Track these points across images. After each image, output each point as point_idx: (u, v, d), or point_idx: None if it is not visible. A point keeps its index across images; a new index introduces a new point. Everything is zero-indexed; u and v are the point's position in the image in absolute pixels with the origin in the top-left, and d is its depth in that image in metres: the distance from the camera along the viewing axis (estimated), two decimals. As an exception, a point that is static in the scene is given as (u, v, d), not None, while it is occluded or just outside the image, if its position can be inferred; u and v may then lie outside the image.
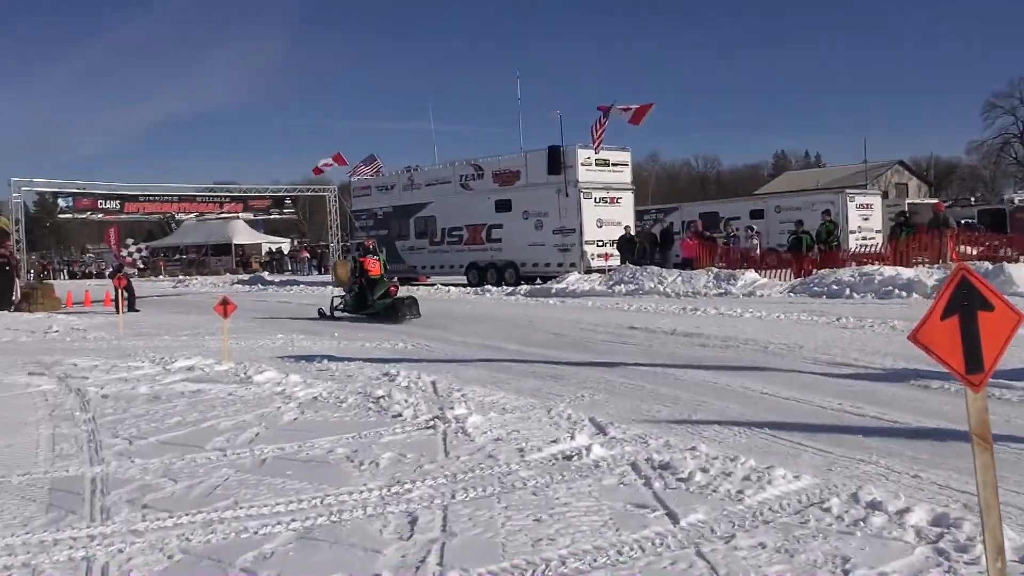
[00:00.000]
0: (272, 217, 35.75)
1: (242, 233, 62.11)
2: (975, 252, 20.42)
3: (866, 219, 27.84)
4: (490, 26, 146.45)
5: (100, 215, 29.05)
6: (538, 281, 24.18)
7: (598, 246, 24.54)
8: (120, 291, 17.71)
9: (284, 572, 3.62)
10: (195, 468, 5.36)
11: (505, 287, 24.05)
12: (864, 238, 26.21)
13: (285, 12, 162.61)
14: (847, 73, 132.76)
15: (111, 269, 29.42)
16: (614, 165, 25.26)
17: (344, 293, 16.98)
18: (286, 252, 60.22)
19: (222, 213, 32.13)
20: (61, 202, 27.33)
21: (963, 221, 29.73)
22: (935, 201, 34.42)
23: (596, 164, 24.73)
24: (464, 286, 25.84)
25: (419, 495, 4.61)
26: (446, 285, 25.94)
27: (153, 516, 4.40)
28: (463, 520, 4.18)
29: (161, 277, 48.90)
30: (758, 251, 23.57)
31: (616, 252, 24.15)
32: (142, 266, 27.76)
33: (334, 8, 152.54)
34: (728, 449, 5.39)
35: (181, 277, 46.18)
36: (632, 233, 24.69)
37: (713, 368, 8.74)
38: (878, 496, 4.21)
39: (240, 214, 33.68)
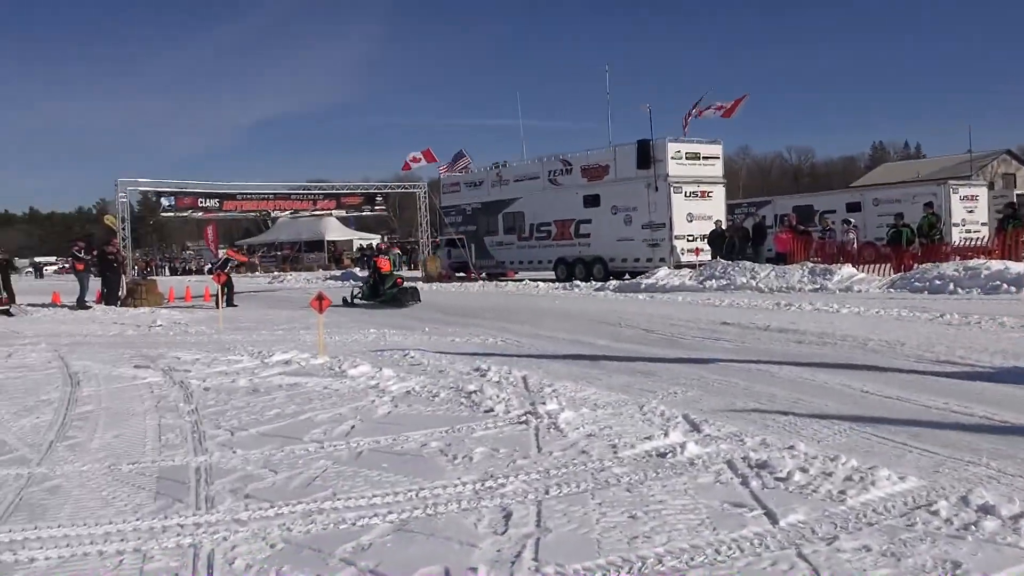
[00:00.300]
0: (364, 214, 36.32)
1: (334, 230, 63.43)
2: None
3: (971, 211, 26.76)
4: (579, 20, 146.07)
5: (200, 213, 29.97)
6: (627, 276, 24.01)
7: (688, 241, 24.19)
8: (220, 287, 18.31)
9: (382, 563, 3.67)
10: (294, 459, 5.49)
11: (593, 282, 23.96)
12: (969, 231, 25.21)
13: (375, 11, 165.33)
14: (950, 59, 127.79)
15: (210, 265, 30.44)
16: (705, 158, 24.85)
17: (362, 284, 20.31)
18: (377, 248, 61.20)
19: (315, 210, 32.80)
20: (164, 201, 28.28)
21: (1076, 213, 28.24)
22: (1046, 192, 32.83)
23: (686, 158, 24.38)
24: (552, 281, 25.83)
25: (513, 490, 4.62)
26: (534, 280, 25.95)
27: (255, 505, 4.53)
28: (557, 516, 4.17)
29: (257, 273, 50.28)
30: (855, 245, 22.88)
31: (707, 247, 23.78)
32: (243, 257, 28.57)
33: (424, 7, 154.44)
34: (828, 448, 5.24)
35: (276, 273, 47.41)
36: (723, 227, 24.27)
37: (810, 365, 8.52)
38: (990, 499, 4.04)
39: (333, 211, 34.31)
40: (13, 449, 6.17)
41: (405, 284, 19.51)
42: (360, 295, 19.63)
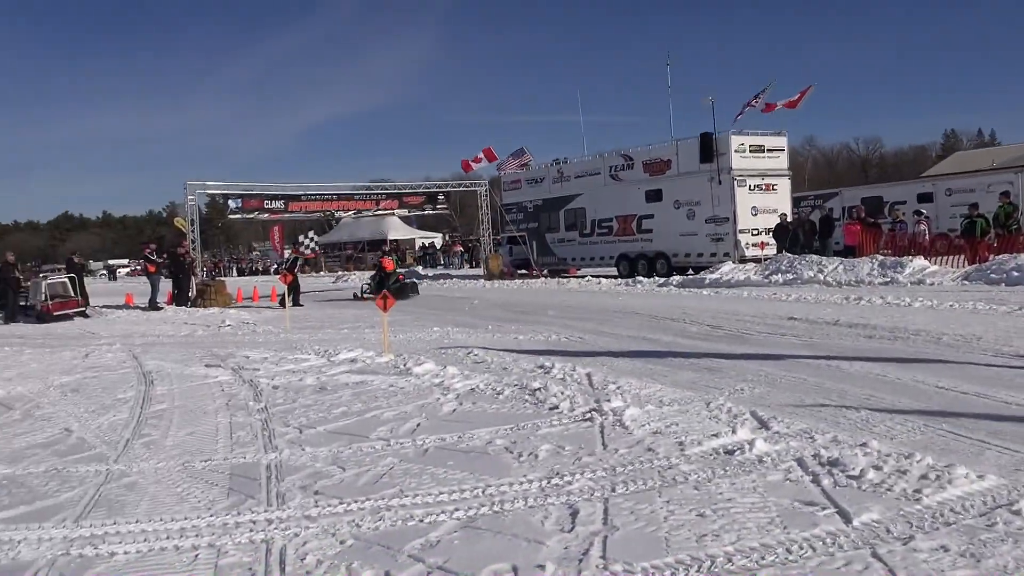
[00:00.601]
0: (425, 213, 36.55)
1: (396, 229, 64.04)
2: None
3: (1052, 199, 25.79)
4: (639, 13, 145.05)
5: (266, 215, 30.48)
6: (690, 272, 23.76)
7: (753, 235, 23.82)
8: (287, 287, 18.62)
9: (450, 560, 3.69)
10: (361, 457, 5.56)
11: (656, 278, 23.75)
12: (1049, 220, 24.31)
13: (434, 10, 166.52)
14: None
15: (276, 265, 30.98)
16: (769, 151, 24.41)
17: (370, 281, 23.60)
18: (439, 246, 61.64)
19: (378, 210, 33.11)
20: (231, 203, 28.78)
21: None
22: None
23: (750, 150, 23.98)
24: (615, 278, 25.69)
25: (579, 487, 4.61)
26: (596, 277, 25.86)
27: (325, 502, 4.60)
28: (624, 513, 4.14)
29: (322, 273, 51.01)
30: (927, 237, 22.26)
31: (772, 240, 23.39)
32: (311, 253, 29.15)
33: (482, 3, 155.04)
34: (902, 446, 5.12)
35: (340, 272, 48.02)
36: (789, 220, 23.83)
37: (881, 360, 8.33)
38: (1076, 499, 3.89)
39: (395, 210, 34.59)
40: (92, 446, 6.38)
41: (405, 280, 23.54)
42: (368, 290, 22.65)
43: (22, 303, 21.35)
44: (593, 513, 4.18)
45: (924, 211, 24.47)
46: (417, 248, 63.37)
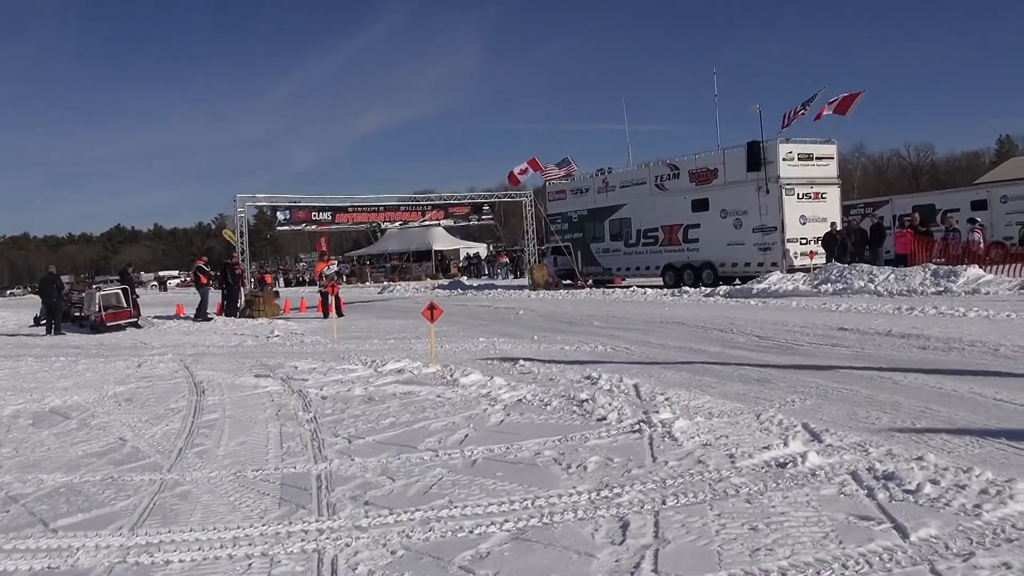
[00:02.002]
0: (470, 223, 36.67)
1: (441, 239, 64.29)
2: None
3: (1111, 206, 25.15)
4: (684, 21, 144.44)
5: (314, 226, 30.82)
6: (737, 282, 23.51)
7: (801, 244, 23.52)
8: (334, 297, 18.81)
9: (501, 572, 3.69)
10: (410, 467, 5.59)
11: (703, 288, 23.55)
12: (1109, 228, 23.71)
13: (480, 20, 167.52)
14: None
15: (320, 277, 31.40)
16: (818, 159, 24.08)
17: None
18: (483, 257, 61.74)
19: (424, 221, 33.29)
20: (280, 215, 29.15)
21: None
22: None
23: (799, 158, 23.68)
24: (660, 288, 25.55)
25: (629, 500, 4.58)
26: (642, 287, 25.73)
27: (375, 513, 4.63)
28: (675, 527, 4.11)
29: (368, 284, 51.40)
30: (982, 245, 21.79)
31: (821, 250, 23.07)
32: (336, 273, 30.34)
33: (527, 13, 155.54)
34: (960, 460, 5.01)
35: (385, 283, 48.34)
36: (837, 229, 23.48)
37: (936, 372, 8.16)
38: None
39: (441, 221, 34.75)
40: (146, 456, 6.50)
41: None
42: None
43: (76, 314, 21.87)
44: (644, 526, 4.15)
45: (978, 219, 23.98)
46: (462, 259, 63.54)
